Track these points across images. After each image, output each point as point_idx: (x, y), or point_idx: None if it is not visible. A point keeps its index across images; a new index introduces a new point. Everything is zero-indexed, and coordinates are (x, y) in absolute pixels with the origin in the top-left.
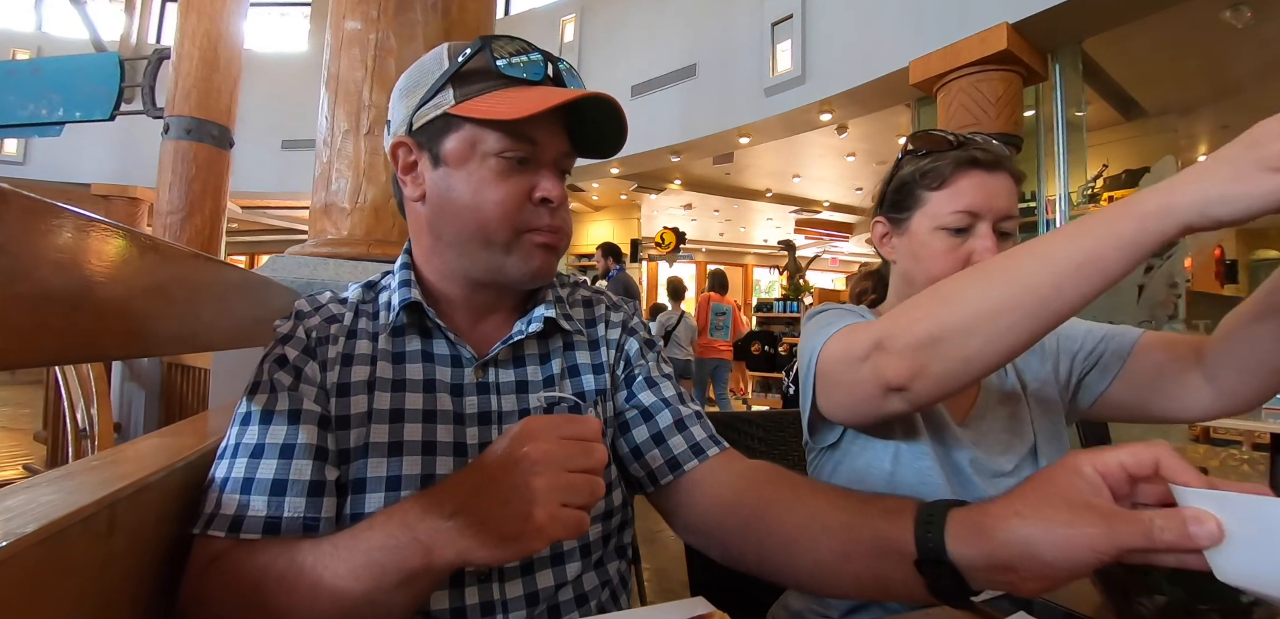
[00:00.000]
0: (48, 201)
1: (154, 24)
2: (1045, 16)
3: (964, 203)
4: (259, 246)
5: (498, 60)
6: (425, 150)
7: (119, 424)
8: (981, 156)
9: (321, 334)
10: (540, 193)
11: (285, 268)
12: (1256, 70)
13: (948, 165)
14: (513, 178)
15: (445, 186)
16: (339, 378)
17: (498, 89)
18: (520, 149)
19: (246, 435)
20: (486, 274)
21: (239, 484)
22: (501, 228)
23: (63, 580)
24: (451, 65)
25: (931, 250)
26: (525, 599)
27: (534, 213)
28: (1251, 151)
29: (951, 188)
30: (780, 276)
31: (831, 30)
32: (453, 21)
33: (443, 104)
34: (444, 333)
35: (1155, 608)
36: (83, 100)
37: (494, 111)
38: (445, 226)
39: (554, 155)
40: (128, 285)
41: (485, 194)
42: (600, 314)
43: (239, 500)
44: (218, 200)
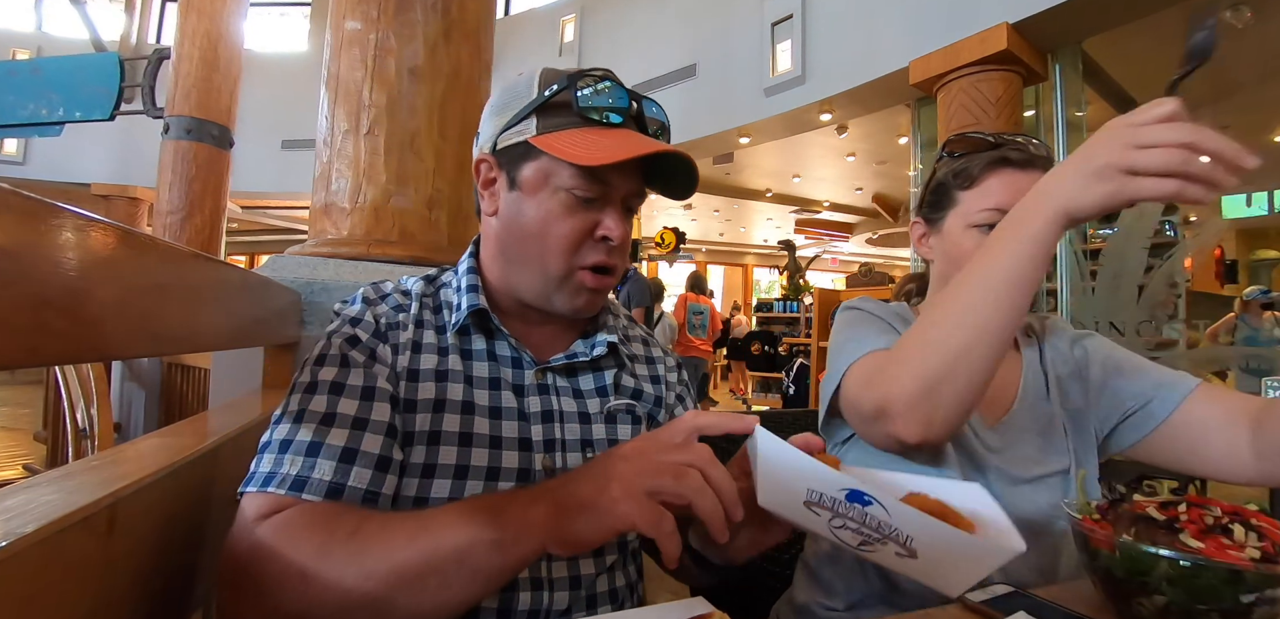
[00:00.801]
0: (48, 202)
1: (154, 24)
2: (1045, 16)
3: (993, 201)
4: (259, 246)
5: (581, 99)
6: (504, 171)
7: (119, 424)
8: (1013, 155)
9: (391, 321)
10: (602, 231)
11: (285, 268)
12: (1256, 70)
13: (978, 164)
14: (579, 214)
15: (517, 211)
16: (408, 363)
17: (579, 127)
18: (591, 189)
19: (313, 403)
20: (534, 299)
21: (305, 447)
22: (558, 260)
23: (63, 580)
24: (538, 96)
25: (964, 249)
26: (568, 581)
27: (592, 248)
28: (1087, 164)
29: (981, 186)
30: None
31: (831, 30)
32: (453, 21)
33: (525, 132)
34: (506, 337)
35: (1155, 608)
36: (83, 100)
37: (570, 152)
38: (510, 246)
39: (623, 194)
40: (128, 285)
41: (551, 226)
42: (657, 356)
43: (304, 462)
44: (218, 200)
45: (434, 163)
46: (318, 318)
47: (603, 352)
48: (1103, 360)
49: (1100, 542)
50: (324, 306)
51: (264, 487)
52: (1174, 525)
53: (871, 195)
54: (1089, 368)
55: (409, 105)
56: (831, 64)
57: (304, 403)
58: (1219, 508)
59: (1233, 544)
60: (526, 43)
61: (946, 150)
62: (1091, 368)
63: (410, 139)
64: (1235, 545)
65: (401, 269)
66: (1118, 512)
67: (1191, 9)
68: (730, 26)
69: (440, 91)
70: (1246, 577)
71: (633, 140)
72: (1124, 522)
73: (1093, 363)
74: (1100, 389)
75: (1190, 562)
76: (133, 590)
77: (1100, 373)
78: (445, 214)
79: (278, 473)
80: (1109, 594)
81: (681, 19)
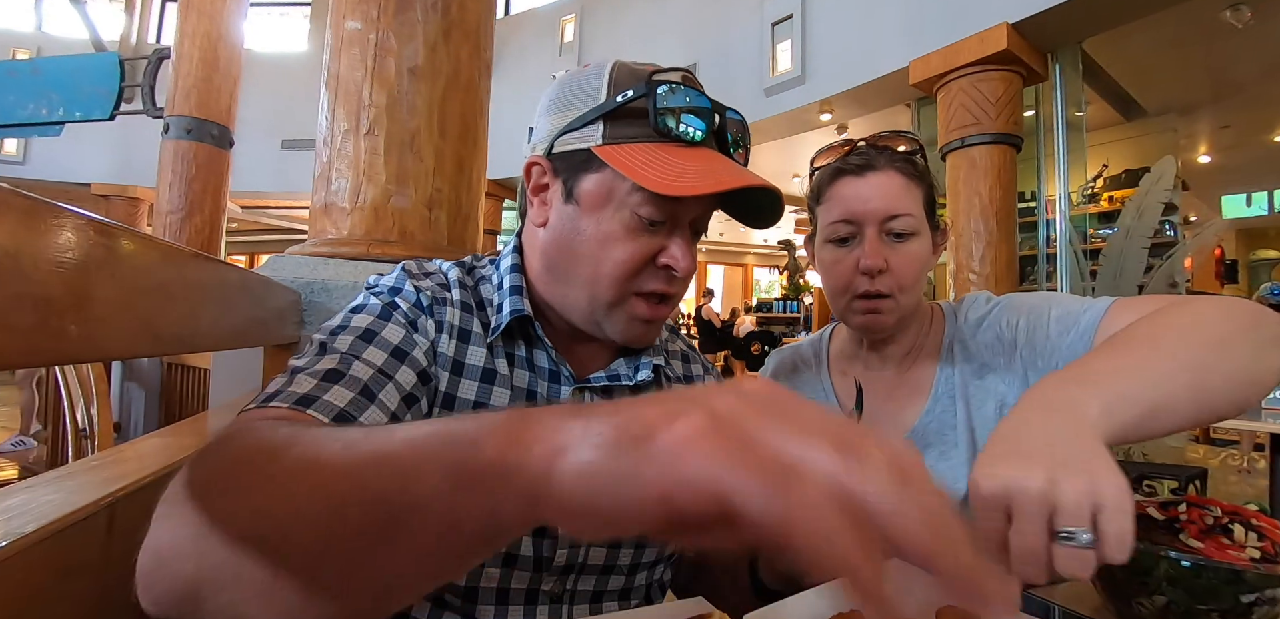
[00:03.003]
0: (48, 202)
1: (154, 24)
2: (1045, 16)
3: (837, 213)
4: (259, 246)
5: (659, 110)
6: (560, 179)
7: (119, 424)
8: (846, 164)
9: (437, 297)
10: (666, 260)
11: (285, 268)
12: (1256, 70)
13: (821, 179)
14: (643, 237)
15: (572, 227)
16: (454, 353)
17: (652, 142)
18: (659, 213)
19: (337, 341)
20: (582, 322)
21: (321, 374)
22: (611, 287)
23: (63, 580)
24: (607, 100)
25: (825, 265)
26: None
27: (652, 275)
28: None
29: (825, 203)
30: (780, 277)
31: (831, 30)
32: (453, 21)
33: (589, 138)
34: (547, 348)
35: (1155, 608)
36: (83, 100)
37: (643, 173)
38: (560, 263)
39: (693, 217)
40: (128, 285)
41: (610, 250)
42: (697, 373)
43: (319, 384)
44: (217, 200)
45: (434, 162)
46: (318, 318)
47: (647, 376)
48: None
49: None
50: (324, 307)
51: (263, 404)
52: (1174, 525)
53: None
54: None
55: (409, 105)
56: (831, 64)
57: (328, 340)
58: (1219, 508)
59: (1233, 544)
60: (526, 42)
61: (810, 166)
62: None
63: (410, 139)
64: (1235, 545)
65: None
66: None
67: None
68: (730, 26)
69: (440, 91)
70: (1247, 577)
71: (715, 165)
72: None
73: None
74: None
75: (1191, 562)
76: (132, 591)
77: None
78: (445, 214)
79: (282, 391)
80: (1109, 594)
81: (681, 18)
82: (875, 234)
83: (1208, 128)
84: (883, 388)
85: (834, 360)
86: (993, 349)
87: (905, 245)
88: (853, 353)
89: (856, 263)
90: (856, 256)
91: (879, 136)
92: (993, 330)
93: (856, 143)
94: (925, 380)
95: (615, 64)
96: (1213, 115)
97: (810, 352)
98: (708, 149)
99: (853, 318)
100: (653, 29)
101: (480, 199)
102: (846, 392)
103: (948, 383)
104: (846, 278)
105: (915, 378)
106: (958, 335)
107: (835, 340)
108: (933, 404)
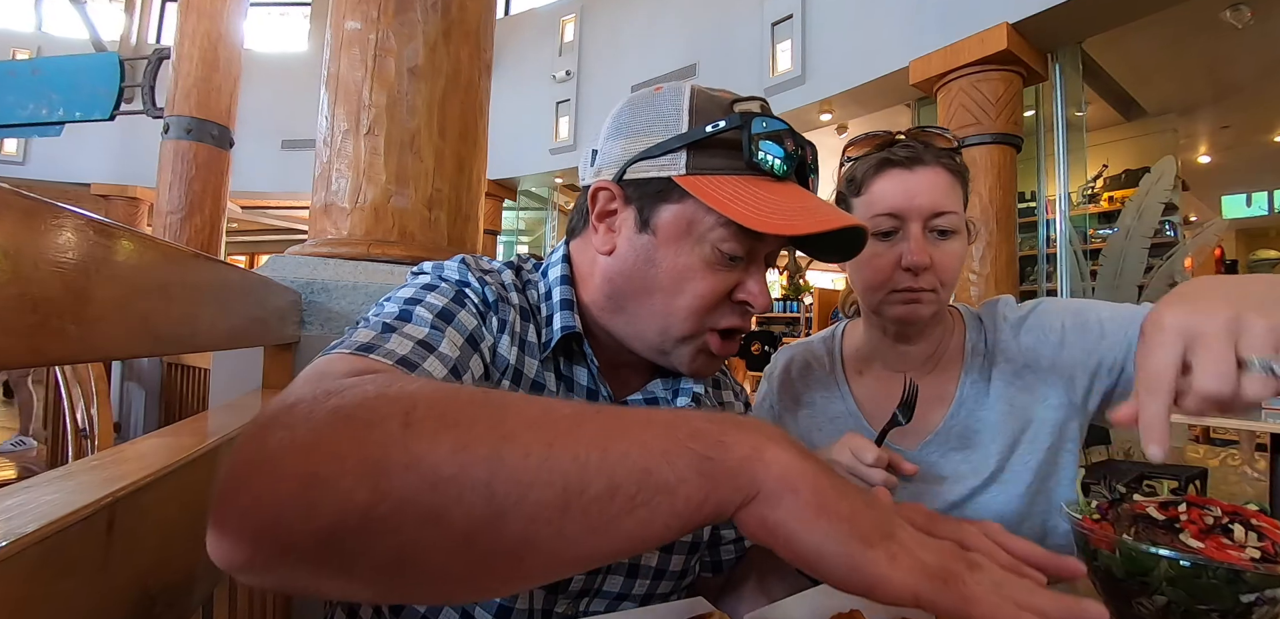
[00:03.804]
0: (48, 202)
1: (154, 24)
2: (1045, 16)
3: (881, 206)
4: (259, 246)
5: (752, 143)
6: (633, 206)
7: (119, 424)
8: (895, 155)
9: (501, 295)
10: (743, 295)
11: (285, 268)
12: (1256, 70)
13: (864, 169)
14: (722, 273)
15: (647, 258)
16: (515, 361)
17: (741, 174)
18: (741, 247)
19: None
20: (647, 352)
21: (379, 327)
22: (688, 321)
23: (62, 580)
24: (694, 129)
25: (867, 261)
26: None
27: (727, 311)
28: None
29: (868, 193)
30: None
31: (831, 30)
32: (453, 21)
33: (671, 167)
34: (591, 366)
35: (1155, 608)
36: (83, 100)
37: (733, 208)
38: (629, 293)
39: (770, 250)
40: (128, 285)
41: (688, 284)
42: (727, 399)
43: (378, 337)
44: (217, 200)
45: (434, 162)
46: (318, 318)
47: (687, 402)
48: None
49: (1100, 542)
50: (324, 307)
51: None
52: (1174, 525)
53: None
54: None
55: (409, 105)
56: (831, 64)
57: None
58: (1219, 508)
59: (1233, 544)
60: (526, 42)
61: (845, 157)
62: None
63: (410, 139)
64: (1235, 546)
65: (402, 269)
66: (1118, 511)
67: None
68: (730, 26)
69: (440, 91)
70: (1247, 577)
71: (809, 203)
72: (1124, 521)
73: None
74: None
75: (1191, 562)
76: (133, 590)
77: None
78: (445, 214)
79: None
80: (1108, 594)
81: (681, 19)
82: (920, 230)
83: (1208, 128)
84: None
85: (849, 361)
86: (1036, 350)
87: (948, 243)
88: (871, 353)
89: (898, 258)
90: (898, 252)
91: (920, 131)
92: (1035, 332)
93: (896, 135)
94: (949, 383)
95: (694, 89)
96: (1213, 115)
97: (822, 350)
98: (794, 184)
99: (890, 309)
100: (653, 29)
101: (480, 199)
102: (865, 394)
103: (974, 386)
104: (887, 273)
105: (939, 380)
106: (992, 338)
107: (848, 340)
108: (958, 407)
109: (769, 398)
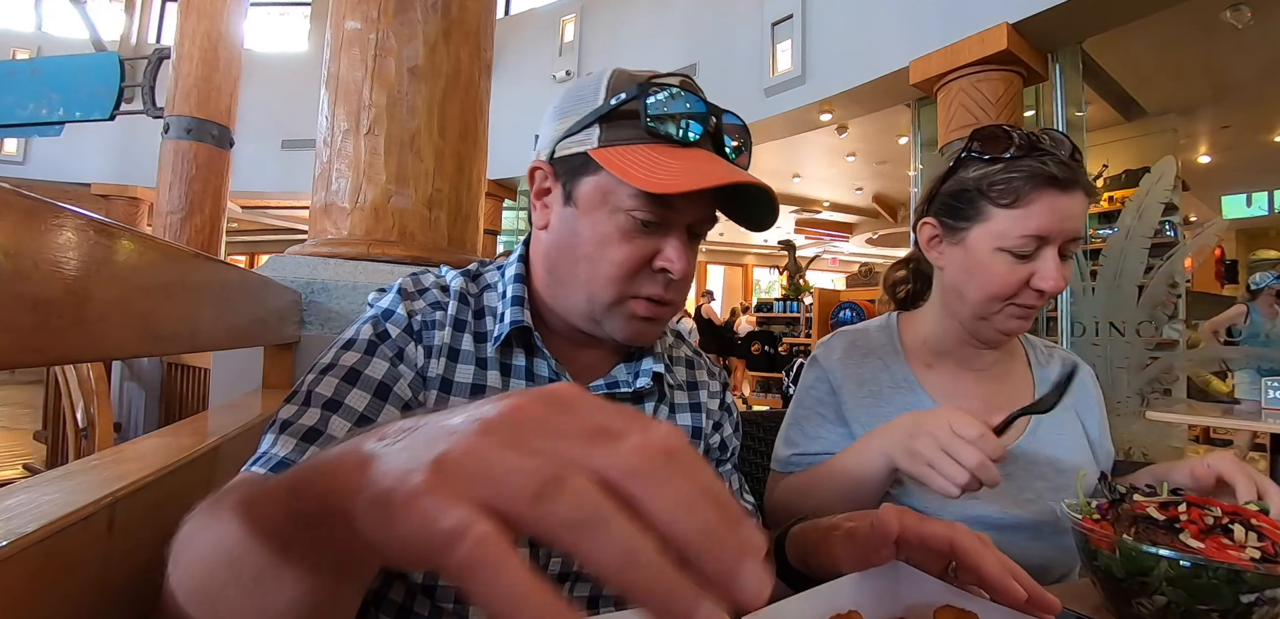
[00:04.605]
0: (48, 202)
1: (154, 23)
2: (1045, 16)
3: (1035, 226)
4: (259, 246)
5: (651, 110)
6: (560, 183)
7: (119, 424)
8: (1060, 173)
9: (428, 319)
10: (661, 262)
11: (285, 268)
12: (1256, 70)
13: (1022, 180)
14: (638, 239)
15: (571, 230)
16: (443, 371)
17: (646, 143)
18: (653, 214)
19: (321, 385)
20: (584, 324)
21: (303, 431)
22: (609, 288)
23: (63, 580)
24: (604, 103)
25: (990, 271)
26: None
27: (649, 279)
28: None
29: (1023, 208)
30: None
31: (831, 30)
32: (453, 21)
33: (587, 142)
34: (547, 358)
35: (1155, 609)
36: (83, 100)
37: (633, 172)
38: (559, 265)
39: (690, 221)
40: (128, 285)
41: (606, 250)
42: (702, 379)
43: (297, 446)
44: (218, 200)
45: (434, 162)
46: (318, 318)
47: (647, 384)
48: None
49: (1100, 542)
50: (324, 306)
51: (251, 467)
52: (1174, 525)
53: (871, 195)
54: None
55: (409, 105)
56: (831, 64)
57: (314, 384)
58: (1219, 508)
59: (1233, 544)
60: (526, 42)
61: (976, 150)
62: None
63: (410, 139)
64: (1235, 545)
65: (402, 269)
66: (1118, 512)
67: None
68: (730, 26)
69: (440, 91)
70: (1247, 577)
71: (706, 165)
72: (1124, 522)
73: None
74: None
75: (1191, 562)
76: (133, 590)
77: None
78: (445, 214)
79: (267, 453)
80: (1108, 594)
81: (682, 18)
82: (1055, 254)
83: (1208, 128)
84: (978, 389)
85: (914, 349)
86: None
87: (1067, 266)
88: (942, 349)
89: (1029, 276)
90: (1031, 270)
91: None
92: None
93: (1034, 135)
94: (1023, 377)
95: (615, 70)
96: (1213, 115)
97: (882, 339)
98: (702, 150)
99: (1003, 322)
100: (653, 29)
101: (480, 199)
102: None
103: (1042, 375)
104: (1013, 288)
105: (1015, 376)
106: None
107: (910, 331)
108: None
109: (827, 377)
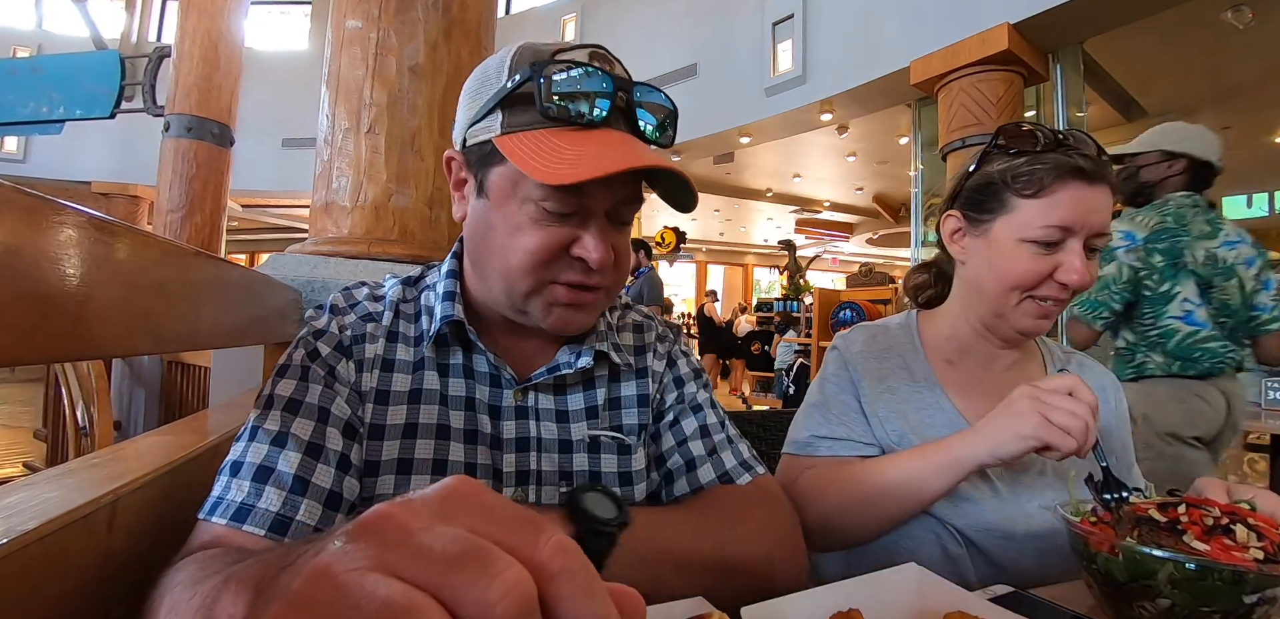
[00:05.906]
0: (49, 199)
1: (154, 22)
2: (1046, 17)
3: (1059, 216)
4: (259, 245)
5: (548, 92)
6: (473, 173)
7: (119, 422)
8: (1085, 166)
9: (357, 333)
10: (578, 251)
11: (285, 266)
12: (1257, 70)
13: (1046, 171)
14: (552, 228)
15: (485, 221)
16: (377, 383)
17: (546, 128)
18: (564, 204)
19: (267, 421)
20: (511, 314)
21: (254, 471)
22: (524, 278)
23: (63, 578)
24: (503, 85)
25: (1014, 263)
26: None
27: (567, 266)
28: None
29: (1048, 198)
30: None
31: (832, 30)
32: (453, 20)
33: (490, 129)
34: (484, 352)
35: (1157, 611)
36: (83, 98)
37: (531, 164)
38: (479, 257)
39: (608, 206)
40: (128, 283)
41: (517, 240)
42: (650, 341)
43: (251, 488)
44: (218, 198)
45: (434, 161)
46: None
47: (588, 362)
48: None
49: (1100, 544)
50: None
51: (210, 515)
52: (1176, 527)
53: (872, 195)
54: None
55: (410, 104)
56: (832, 64)
57: (260, 420)
58: (1218, 508)
59: (1235, 545)
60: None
61: (1001, 144)
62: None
63: (411, 138)
64: (1238, 546)
65: (402, 268)
66: (1119, 514)
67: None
68: (731, 26)
69: (441, 90)
70: (1250, 578)
71: (613, 148)
72: (1126, 524)
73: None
74: None
75: (1195, 564)
76: (133, 589)
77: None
78: (446, 213)
79: (223, 499)
80: (1107, 596)
81: (682, 18)
82: (1080, 246)
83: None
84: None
85: (933, 347)
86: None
87: (1094, 261)
88: (961, 347)
89: (1052, 269)
90: (1055, 262)
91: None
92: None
93: (1061, 134)
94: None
95: (520, 46)
96: (1213, 116)
97: (902, 335)
98: (612, 131)
99: (1021, 316)
100: (653, 29)
101: None
102: (955, 386)
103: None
104: (1034, 280)
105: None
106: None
107: (929, 329)
108: None
109: (848, 370)
